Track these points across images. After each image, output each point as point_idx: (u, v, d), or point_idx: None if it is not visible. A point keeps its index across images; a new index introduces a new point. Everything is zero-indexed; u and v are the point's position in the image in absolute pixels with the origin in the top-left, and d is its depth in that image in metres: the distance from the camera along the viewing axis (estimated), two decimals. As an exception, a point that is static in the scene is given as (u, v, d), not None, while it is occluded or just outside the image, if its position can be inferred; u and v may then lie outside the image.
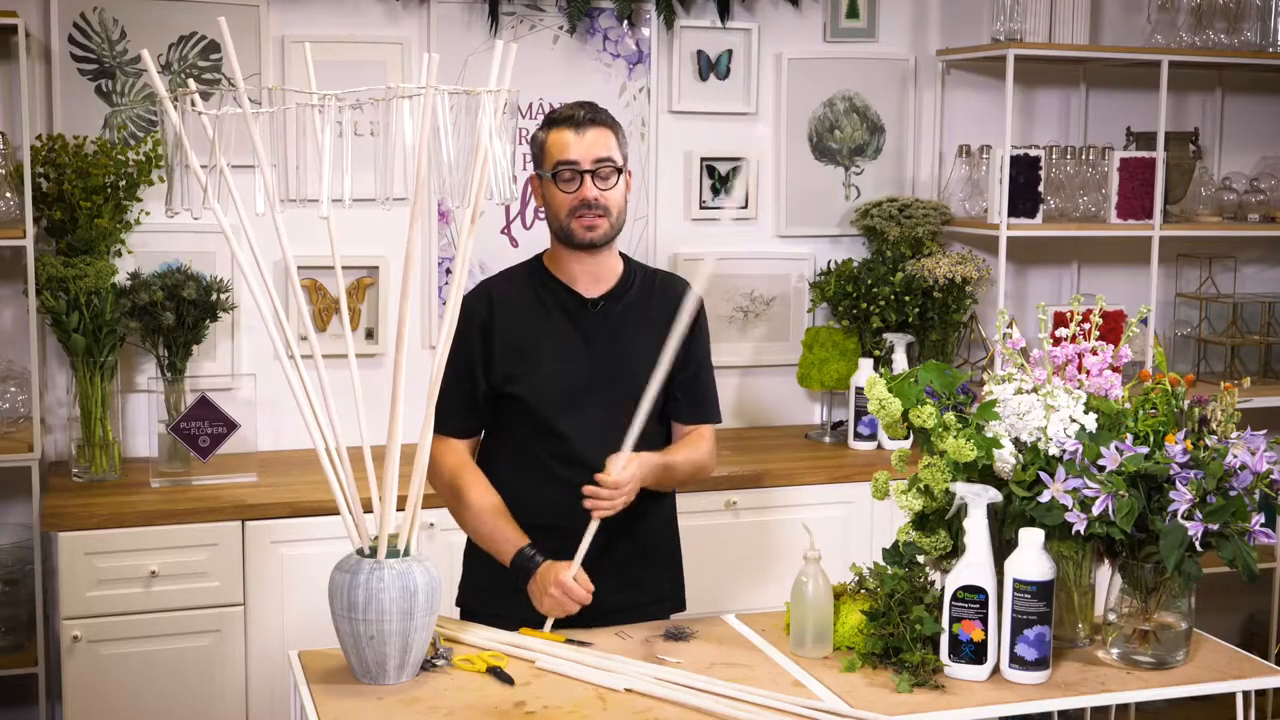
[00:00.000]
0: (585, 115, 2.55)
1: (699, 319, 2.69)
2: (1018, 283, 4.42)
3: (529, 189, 3.94)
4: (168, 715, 3.22)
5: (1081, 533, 2.18)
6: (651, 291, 2.67)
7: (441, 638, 2.33)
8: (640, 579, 2.66)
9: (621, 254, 2.67)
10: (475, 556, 2.68)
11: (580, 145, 2.52)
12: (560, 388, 2.56)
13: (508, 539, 2.52)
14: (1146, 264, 4.20)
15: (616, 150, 2.56)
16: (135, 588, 3.17)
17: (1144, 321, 3.99)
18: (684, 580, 2.77)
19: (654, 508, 2.68)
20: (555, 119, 2.57)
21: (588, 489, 2.46)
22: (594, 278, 2.61)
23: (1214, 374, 4.43)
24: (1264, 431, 2.23)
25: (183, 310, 3.39)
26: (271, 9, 3.68)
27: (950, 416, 2.27)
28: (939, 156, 4.30)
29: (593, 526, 2.46)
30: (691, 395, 2.69)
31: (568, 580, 2.42)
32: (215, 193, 2.13)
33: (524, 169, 3.86)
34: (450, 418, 2.56)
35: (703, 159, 4.09)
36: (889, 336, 3.96)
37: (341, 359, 2.32)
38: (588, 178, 2.52)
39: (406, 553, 2.19)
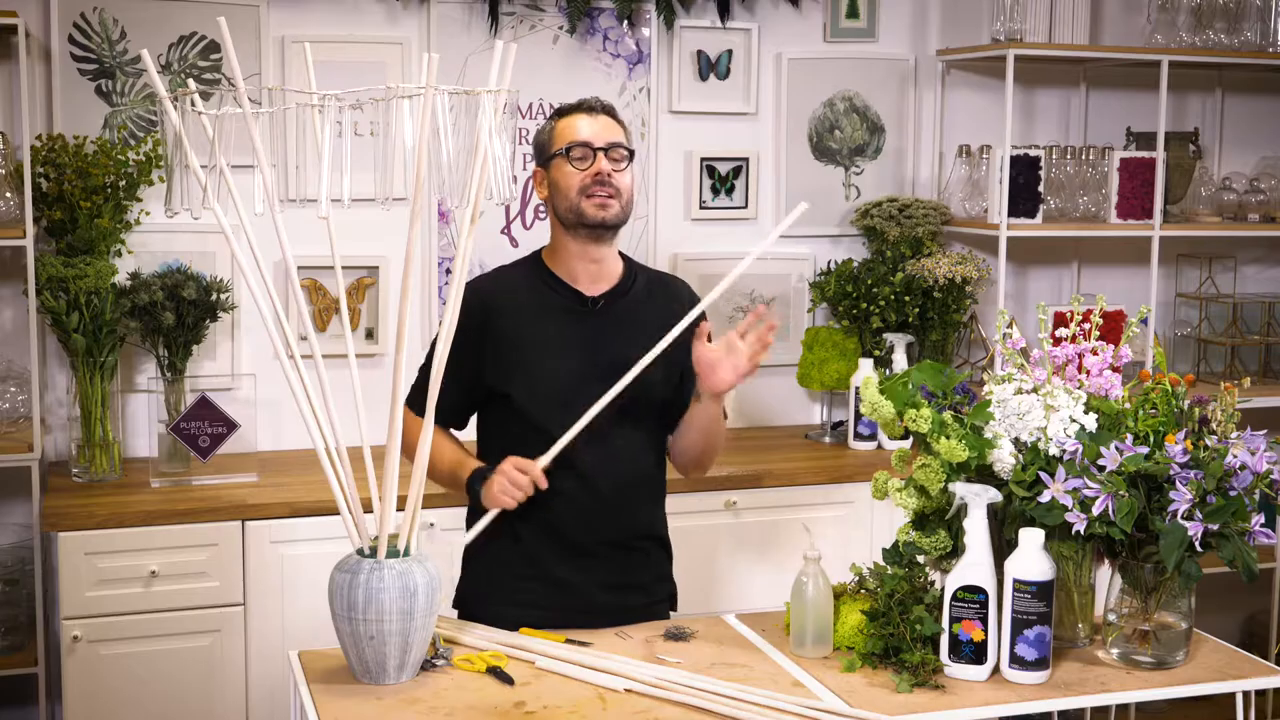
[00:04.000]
0: (598, 104, 2.58)
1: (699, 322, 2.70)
2: (1018, 283, 4.42)
3: (529, 188, 3.98)
4: (168, 715, 3.22)
5: (1081, 533, 2.18)
6: (652, 292, 2.66)
7: (441, 638, 2.33)
8: (641, 578, 2.65)
9: (622, 254, 2.67)
10: (475, 558, 2.67)
11: (594, 127, 2.53)
12: (556, 387, 2.54)
13: (464, 464, 2.57)
14: (1146, 264, 4.20)
15: (625, 139, 2.57)
16: (135, 588, 3.17)
17: (1144, 321, 3.99)
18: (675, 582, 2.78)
19: (654, 507, 2.68)
20: (564, 109, 2.58)
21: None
22: (595, 276, 2.60)
23: (1214, 374, 4.43)
24: (1264, 431, 2.23)
25: (183, 310, 3.39)
26: (271, 9, 3.68)
27: (948, 416, 2.27)
28: (939, 156, 4.30)
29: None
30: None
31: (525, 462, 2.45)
32: (215, 193, 2.13)
33: (524, 169, 3.86)
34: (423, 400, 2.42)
35: (703, 159, 4.09)
36: (889, 336, 3.96)
37: (341, 359, 2.32)
38: (601, 154, 2.52)
39: (406, 553, 2.19)
